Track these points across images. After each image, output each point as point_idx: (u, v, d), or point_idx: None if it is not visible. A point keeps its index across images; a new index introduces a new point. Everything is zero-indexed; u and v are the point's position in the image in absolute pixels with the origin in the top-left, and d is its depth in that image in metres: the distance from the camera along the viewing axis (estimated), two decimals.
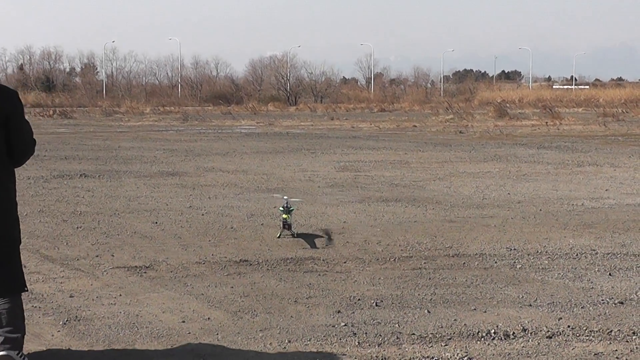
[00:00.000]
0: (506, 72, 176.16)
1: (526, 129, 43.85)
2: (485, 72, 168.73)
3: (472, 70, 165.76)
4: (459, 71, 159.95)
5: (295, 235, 12.20)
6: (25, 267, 9.84)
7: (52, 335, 7.36)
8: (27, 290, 6.47)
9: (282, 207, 12.31)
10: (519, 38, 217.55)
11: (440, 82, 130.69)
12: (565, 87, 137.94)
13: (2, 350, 6.36)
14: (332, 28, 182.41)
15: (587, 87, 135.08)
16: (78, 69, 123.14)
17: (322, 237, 12.31)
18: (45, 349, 6.95)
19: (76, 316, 7.98)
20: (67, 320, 7.82)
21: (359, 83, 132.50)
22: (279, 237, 12.18)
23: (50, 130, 42.92)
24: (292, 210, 12.38)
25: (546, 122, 49.17)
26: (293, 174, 21.65)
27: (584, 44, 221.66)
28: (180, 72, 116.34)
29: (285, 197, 12.87)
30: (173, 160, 25.23)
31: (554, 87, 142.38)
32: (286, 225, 12.18)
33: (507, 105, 74.19)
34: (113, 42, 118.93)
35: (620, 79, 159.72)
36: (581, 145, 31.62)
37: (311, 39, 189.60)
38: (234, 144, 32.62)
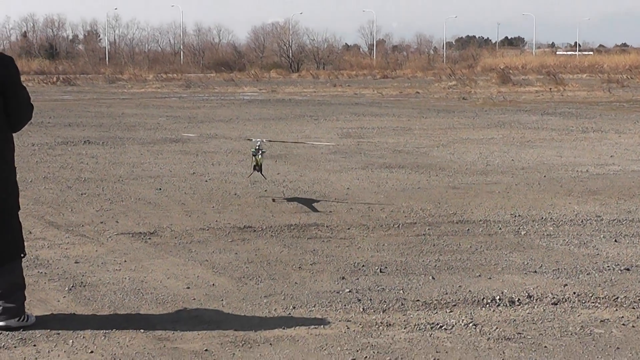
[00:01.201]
0: (509, 38, 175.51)
1: (530, 96, 43.72)
2: (488, 38, 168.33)
3: (474, 36, 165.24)
4: (462, 38, 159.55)
5: (290, 199, 12.38)
6: (30, 233, 9.87)
7: (58, 301, 7.36)
8: (24, 256, 6.46)
9: (254, 148, 12.58)
10: (522, 4, 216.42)
11: (443, 48, 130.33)
12: (569, 53, 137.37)
13: (2, 321, 6.37)
14: None
15: (591, 53, 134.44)
16: (81, 37, 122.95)
17: (316, 201, 12.35)
18: (50, 314, 6.96)
19: (81, 282, 7.98)
20: (72, 286, 7.82)
21: (361, 50, 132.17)
22: (249, 177, 12.98)
23: (53, 97, 42.87)
24: (264, 152, 12.72)
25: (550, 89, 49.03)
26: (296, 140, 21.61)
27: (588, 9, 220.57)
28: (182, 39, 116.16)
29: (257, 140, 13.00)
30: (176, 127, 25.20)
31: (557, 53, 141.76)
32: (257, 167, 12.49)
33: (510, 71, 73.91)
34: (115, 9, 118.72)
35: (624, 44, 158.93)
36: (585, 112, 31.53)
37: (313, 5, 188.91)
38: (236, 111, 32.56)
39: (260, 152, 12.52)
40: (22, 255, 6.41)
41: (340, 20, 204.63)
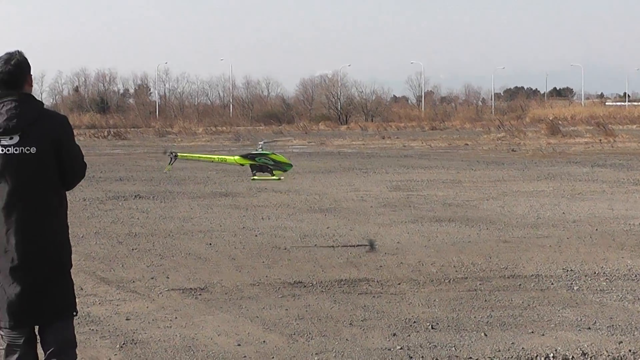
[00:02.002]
0: (558, 89, 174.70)
1: (579, 147, 43.43)
2: (536, 89, 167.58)
3: (523, 87, 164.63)
4: (510, 88, 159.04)
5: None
6: (82, 289, 9.93)
7: (109, 359, 7.39)
8: (77, 314, 6.49)
9: (256, 151, 13.27)
10: (571, 54, 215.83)
11: (491, 99, 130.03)
12: (619, 103, 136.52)
13: None
14: (382, 47, 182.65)
15: None
16: (132, 91, 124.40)
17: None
18: None
19: (132, 339, 8.01)
20: (123, 344, 7.86)
21: (409, 101, 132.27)
22: (253, 179, 13.88)
23: (104, 151, 43.37)
24: (265, 154, 13.33)
25: (600, 140, 48.67)
26: (345, 193, 21.63)
27: (637, 59, 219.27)
28: (231, 92, 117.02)
29: (260, 143, 13.57)
30: (226, 181, 25.35)
31: (606, 103, 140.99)
32: (255, 168, 13.18)
33: (559, 122, 73.53)
34: (166, 63, 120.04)
35: None
36: (637, 163, 31.23)
37: (361, 58, 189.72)
38: None
39: (261, 154, 13.30)
40: (74, 313, 6.44)
41: (388, 72, 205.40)
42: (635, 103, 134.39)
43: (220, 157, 14.25)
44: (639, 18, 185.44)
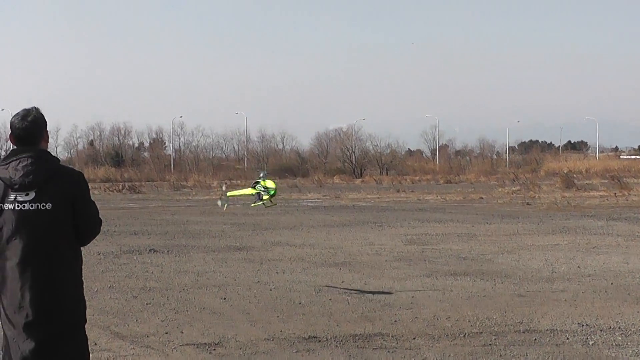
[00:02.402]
0: (572, 142, 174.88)
1: (594, 200, 43.34)
2: (551, 142, 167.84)
3: (537, 140, 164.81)
4: (525, 142, 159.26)
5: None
6: (95, 344, 9.94)
7: None
8: None
9: (259, 178, 13.82)
10: (585, 108, 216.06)
11: (506, 153, 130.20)
12: (633, 157, 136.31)
13: None
14: (396, 100, 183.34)
15: None
16: (146, 144, 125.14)
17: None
18: None
19: None
20: None
21: (424, 155, 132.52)
22: (254, 204, 14.85)
23: (119, 205, 43.50)
24: (265, 181, 14.03)
25: (614, 193, 48.55)
26: (360, 247, 21.62)
27: None
28: (246, 145, 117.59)
29: (262, 172, 14.08)
30: (240, 235, 25.38)
31: (621, 157, 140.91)
32: (260, 196, 13.73)
33: (574, 175, 73.49)
34: (180, 117, 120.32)
35: None
36: None
37: (376, 111, 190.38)
38: (300, 218, 32.72)
39: (262, 181, 13.90)
40: None
41: (403, 126, 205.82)
42: None
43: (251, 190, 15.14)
44: None
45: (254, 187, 14.39)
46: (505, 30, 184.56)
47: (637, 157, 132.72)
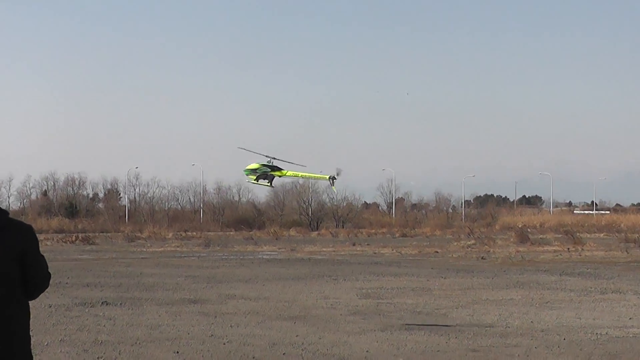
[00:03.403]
0: (527, 197, 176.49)
1: (548, 255, 43.67)
2: (506, 197, 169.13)
3: (493, 195, 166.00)
4: (480, 196, 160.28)
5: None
6: None
7: None
8: None
9: (264, 163, 14.27)
10: (539, 163, 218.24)
11: (462, 206, 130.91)
12: (586, 212, 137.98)
13: None
14: (353, 153, 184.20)
15: (608, 212, 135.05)
16: (101, 195, 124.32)
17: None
18: None
19: None
20: None
21: (380, 208, 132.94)
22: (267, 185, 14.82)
23: (72, 256, 43.10)
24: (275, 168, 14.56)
25: (568, 248, 48.98)
26: (315, 301, 21.59)
27: (604, 168, 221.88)
28: (202, 197, 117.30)
29: (268, 157, 14.41)
30: (195, 287, 25.23)
31: (575, 212, 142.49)
32: (268, 176, 14.18)
33: (529, 230, 74.17)
34: (136, 168, 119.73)
35: None
36: (604, 272, 31.43)
37: (333, 164, 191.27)
38: (256, 270, 32.62)
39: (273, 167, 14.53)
40: None
41: (360, 179, 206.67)
42: (603, 212, 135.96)
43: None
44: (605, 129, 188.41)
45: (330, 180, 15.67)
46: (461, 86, 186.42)
47: (590, 212, 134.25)
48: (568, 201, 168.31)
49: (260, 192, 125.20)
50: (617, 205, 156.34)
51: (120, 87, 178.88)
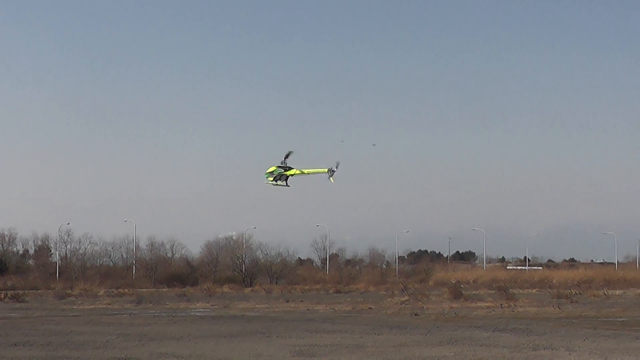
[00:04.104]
0: (460, 252, 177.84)
1: (481, 311, 43.85)
2: (440, 252, 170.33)
3: (426, 251, 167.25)
4: (414, 252, 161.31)
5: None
6: None
7: None
8: None
9: (279, 165, 14.83)
10: (473, 219, 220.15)
11: (396, 262, 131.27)
12: (519, 267, 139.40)
13: None
14: (287, 209, 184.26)
15: (540, 267, 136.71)
16: (32, 252, 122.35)
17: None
18: None
19: None
20: None
21: (314, 264, 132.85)
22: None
23: (0, 315, 42.25)
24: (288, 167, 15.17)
25: (501, 304, 49.25)
26: (247, 359, 21.37)
27: (536, 224, 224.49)
28: (135, 253, 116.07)
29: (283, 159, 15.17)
30: (126, 345, 24.85)
31: (507, 267, 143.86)
32: (282, 177, 14.69)
33: (462, 285, 74.57)
34: (68, 224, 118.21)
35: (572, 259, 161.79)
36: (536, 328, 31.62)
37: (267, 220, 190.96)
38: (188, 328, 32.25)
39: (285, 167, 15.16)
40: None
41: (294, 235, 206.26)
42: (535, 267, 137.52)
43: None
44: (538, 185, 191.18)
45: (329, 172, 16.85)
46: (393, 142, 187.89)
47: (523, 267, 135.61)
48: (501, 257, 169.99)
49: (194, 248, 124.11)
50: (550, 260, 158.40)
51: (49, 142, 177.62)
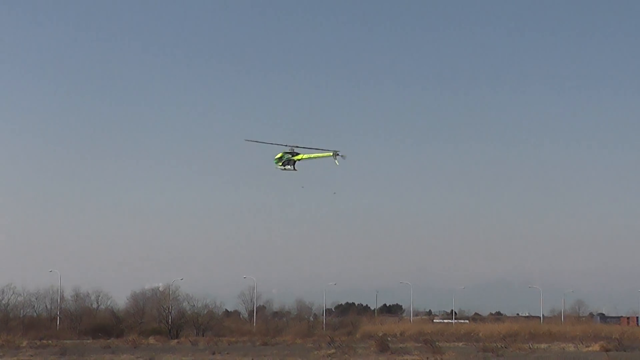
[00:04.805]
0: (388, 305, 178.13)
1: None
2: (367, 305, 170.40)
3: (354, 303, 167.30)
4: (342, 304, 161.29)
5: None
6: None
7: None
8: None
9: (286, 151, 15.40)
10: (400, 272, 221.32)
11: (323, 315, 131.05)
12: (446, 320, 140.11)
13: None
14: (214, 261, 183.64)
15: (467, 321, 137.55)
16: None
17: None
18: None
19: None
20: None
21: (241, 316, 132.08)
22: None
23: None
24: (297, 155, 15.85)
25: (427, 358, 49.42)
26: None
27: (463, 278, 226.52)
28: (60, 304, 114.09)
29: (287, 146, 15.79)
30: None
31: (434, 320, 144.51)
32: (290, 162, 15.36)
33: (389, 339, 74.71)
34: None
35: (499, 313, 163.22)
36: None
37: (194, 271, 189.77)
38: None
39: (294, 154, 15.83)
40: None
41: (221, 286, 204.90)
42: (462, 320, 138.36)
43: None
44: (465, 239, 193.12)
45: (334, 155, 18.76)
46: (321, 194, 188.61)
47: (450, 321, 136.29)
48: (428, 310, 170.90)
49: (120, 299, 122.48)
50: (476, 314, 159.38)
51: None
